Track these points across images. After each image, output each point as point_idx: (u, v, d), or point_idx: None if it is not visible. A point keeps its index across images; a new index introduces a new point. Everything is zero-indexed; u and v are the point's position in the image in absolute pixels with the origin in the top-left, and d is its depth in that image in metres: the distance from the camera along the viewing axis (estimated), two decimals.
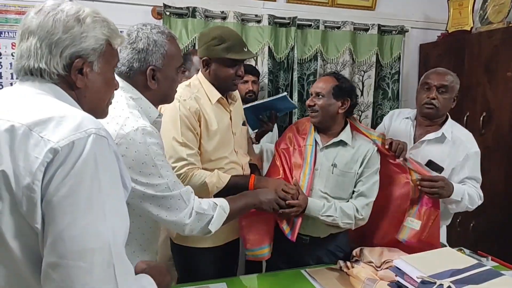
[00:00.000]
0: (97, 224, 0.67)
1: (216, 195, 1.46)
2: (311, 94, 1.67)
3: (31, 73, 0.77)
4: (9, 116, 0.70)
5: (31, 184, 0.65)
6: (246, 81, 2.40)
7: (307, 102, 1.66)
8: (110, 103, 0.91)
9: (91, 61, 0.80)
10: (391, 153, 1.68)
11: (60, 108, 0.73)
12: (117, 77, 0.96)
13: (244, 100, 2.47)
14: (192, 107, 1.47)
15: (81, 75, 0.79)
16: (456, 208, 1.73)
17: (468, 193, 1.70)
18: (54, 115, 0.70)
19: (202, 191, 1.46)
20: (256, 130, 2.18)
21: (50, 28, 0.75)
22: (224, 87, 1.58)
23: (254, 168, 1.76)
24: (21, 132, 0.68)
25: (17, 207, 0.67)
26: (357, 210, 1.59)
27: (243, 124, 1.75)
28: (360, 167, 1.62)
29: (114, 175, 0.73)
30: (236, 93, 1.71)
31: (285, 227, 1.58)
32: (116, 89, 0.91)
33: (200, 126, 1.49)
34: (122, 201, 0.74)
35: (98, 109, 0.86)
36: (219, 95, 1.55)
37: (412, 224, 1.64)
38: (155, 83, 1.16)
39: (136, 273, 0.82)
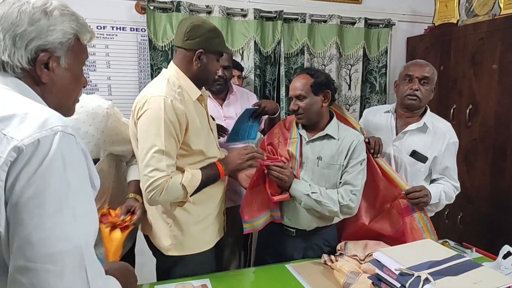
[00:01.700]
0: (67, 226, 0.64)
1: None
2: (291, 98, 1.65)
3: None
4: None
5: None
6: (232, 76, 2.39)
7: (291, 107, 1.64)
8: (77, 101, 0.88)
9: (58, 55, 0.77)
10: (370, 151, 1.70)
11: (24, 104, 0.69)
12: None
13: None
14: (178, 109, 1.37)
15: (47, 70, 0.77)
16: (435, 209, 1.78)
17: (444, 191, 1.75)
18: (17, 111, 0.66)
19: (179, 195, 1.42)
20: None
21: (15, 19, 0.72)
22: (207, 81, 1.53)
23: None
24: None
25: None
26: (341, 196, 1.59)
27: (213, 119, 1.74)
28: (345, 159, 1.62)
29: (83, 174, 0.70)
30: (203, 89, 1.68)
31: (270, 192, 1.60)
32: (84, 87, 0.88)
33: (187, 129, 1.41)
34: (91, 201, 0.72)
35: (64, 106, 0.83)
36: (199, 92, 1.50)
37: None
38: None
39: None
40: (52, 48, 0.76)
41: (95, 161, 1.44)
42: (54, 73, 0.77)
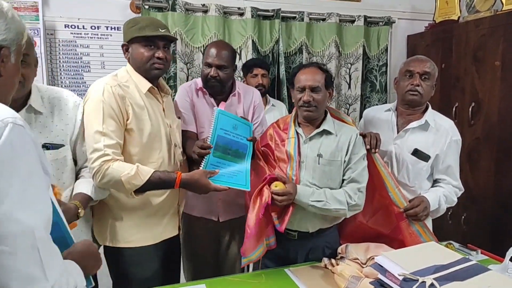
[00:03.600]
0: (17, 210, 0.69)
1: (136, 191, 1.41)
2: (300, 89, 1.58)
3: None
4: None
5: None
6: (256, 75, 2.37)
7: (305, 98, 1.56)
8: None
9: (11, 51, 0.83)
10: (366, 147, 1.64)
11: None
12: None
13: None
14: (118, 94, 1.43)
15: (3, 63, 0.82)
16: (436, 214, 1.74)
17: (444, 195, 1.71)
18: None
19: (120, 188, 1.40)
20: None
21: None
22: (144, 71, 1.51)
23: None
24: None
25: None
26: (349, 196, 1.55)
27: (178, 117, 1.70)
28: (346, 155, 1.59)
29: (33, 163, 0.75)
30: (167, 87, 1.65)
31: (275, 218, 1.53)
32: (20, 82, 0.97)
33: (128, 115, 1.45)
34: (43, 187, 0.77)
35: (8, 97, 0.88)
36: (149, 85, 1.52)
37: None
38: None
39: None
40: (9, 44, 0.82)
41: None
42: (7, 67, 0.83)
